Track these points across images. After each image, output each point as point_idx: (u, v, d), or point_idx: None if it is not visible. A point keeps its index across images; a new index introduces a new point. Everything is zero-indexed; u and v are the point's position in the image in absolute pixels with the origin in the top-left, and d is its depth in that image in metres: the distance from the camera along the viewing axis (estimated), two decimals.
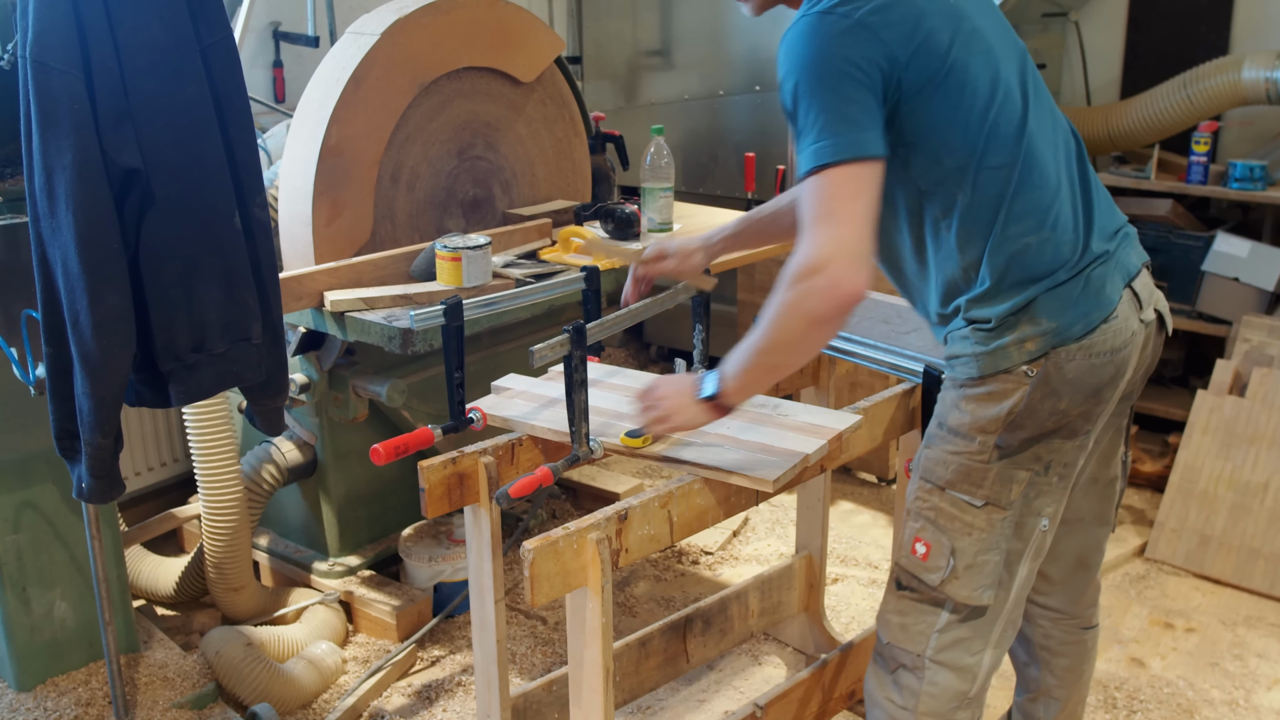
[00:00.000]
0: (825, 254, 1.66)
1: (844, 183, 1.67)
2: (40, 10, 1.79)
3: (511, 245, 3.11)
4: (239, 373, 2.05)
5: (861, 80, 1.68)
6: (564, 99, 3.45)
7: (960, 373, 1.88)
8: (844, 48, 1.69)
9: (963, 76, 1.76)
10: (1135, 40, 4.60)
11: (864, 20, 1.69)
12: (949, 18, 1.77)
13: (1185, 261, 4.21)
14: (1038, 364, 1.81)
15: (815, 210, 1.68)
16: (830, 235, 1.66)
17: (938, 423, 1.93)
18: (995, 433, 1.84)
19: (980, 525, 1.88)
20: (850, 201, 1.67)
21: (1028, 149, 1.81)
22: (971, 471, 1.87)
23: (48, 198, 1.85)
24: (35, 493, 2.63)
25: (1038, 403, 1.83)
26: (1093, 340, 1.83)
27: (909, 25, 1.72)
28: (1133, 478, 4.09)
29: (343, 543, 3.26)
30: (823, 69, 1.69)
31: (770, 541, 3.71)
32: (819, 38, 1.70)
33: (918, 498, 1.94)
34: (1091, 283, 1.84)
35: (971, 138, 1.77)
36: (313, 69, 3.00)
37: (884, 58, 1.69)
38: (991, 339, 1.82)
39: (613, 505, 1.97)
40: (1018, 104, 1.83)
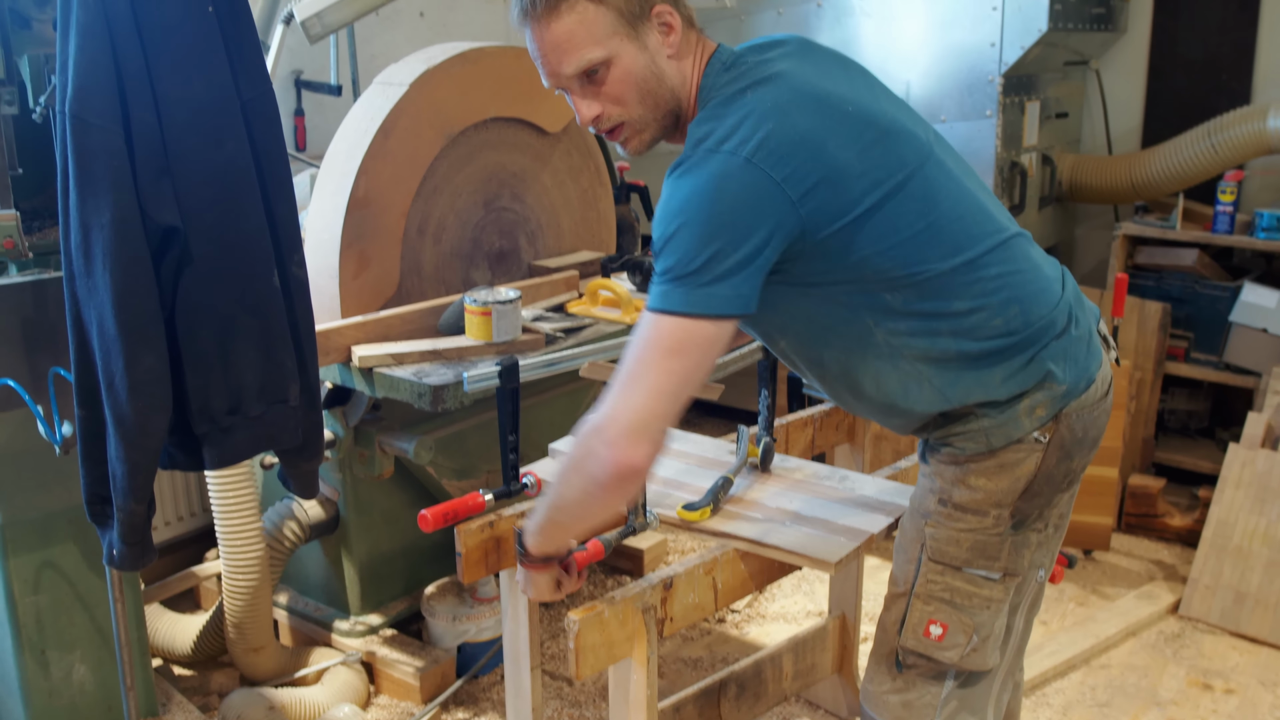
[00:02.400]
0: (613, 417, 1.56)
1: (676, 339, 1.55)
2: (81, 65, 1.75)
3: (538, 298, 3.07)
4: (275, 436, 2.00)
5: (746, 229, 1.55)
6: (589, 149, 3.42)
7: (963, 449, 1.78)
8: (745, 197, 1.55)
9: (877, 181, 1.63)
10: (1156, 89, 4.59)
11: (760, 164, 1.55)
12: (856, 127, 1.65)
13: (1212, 312, 4.17)
14: (1048, 428, 1.75)
15: (633, 361, 1.57)
16: (629, 400, 1.56)
17: (938, 499, 1.81)
18: (1010, 504, 1.78)
19: (998, 596, 1.82)
20: (670, 366, 1.55)
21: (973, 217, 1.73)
22: (987, 546, 1.80)
23: (84, 256, 1.81)
24: (56, 553, 2.57)
25: (1053, 467, 1.77)
26: (1091, 392, 1.79)
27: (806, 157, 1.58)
28: (1162, 532, 4.04)
29: (364, 601, 3.20)
30: (719, 217, 1.55)
31: (796, 599, 3.65)
32: (719, 185, 1.56)
33: (929, 580, 1.83)
34: (1082, 335, 1.81)
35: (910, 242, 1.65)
36: (334, 117, 2.98)
37: (782, 207, 1.56)
38: (1000, 413, 1.74)
39: (657, 573, 1.92)
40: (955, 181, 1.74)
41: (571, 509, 1.69)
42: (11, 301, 2.31)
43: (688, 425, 5.02)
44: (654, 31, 1.68)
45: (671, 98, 1.72)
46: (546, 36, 1.64)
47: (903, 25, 4.15)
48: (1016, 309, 1.72)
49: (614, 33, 1.64)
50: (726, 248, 1.54)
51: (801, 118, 1.60)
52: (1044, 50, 4.02)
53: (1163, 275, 4.26)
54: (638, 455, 1.55)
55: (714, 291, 1.54)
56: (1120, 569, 3.83)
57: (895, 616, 1.88)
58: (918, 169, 1.68)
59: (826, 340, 1.76)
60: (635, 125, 1.73)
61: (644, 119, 1.72)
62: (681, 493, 2.05)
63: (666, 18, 1.68)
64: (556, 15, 1.63)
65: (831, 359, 1.78)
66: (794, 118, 1.60)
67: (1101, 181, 4.42)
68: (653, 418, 1.56)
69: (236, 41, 1.90)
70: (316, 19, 3.08)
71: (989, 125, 4.01)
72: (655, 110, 1.72)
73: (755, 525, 1.96)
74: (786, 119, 1.59)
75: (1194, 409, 4.45)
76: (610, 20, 1.64)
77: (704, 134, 1.61)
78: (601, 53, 1.64)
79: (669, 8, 1.68)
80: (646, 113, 1.72)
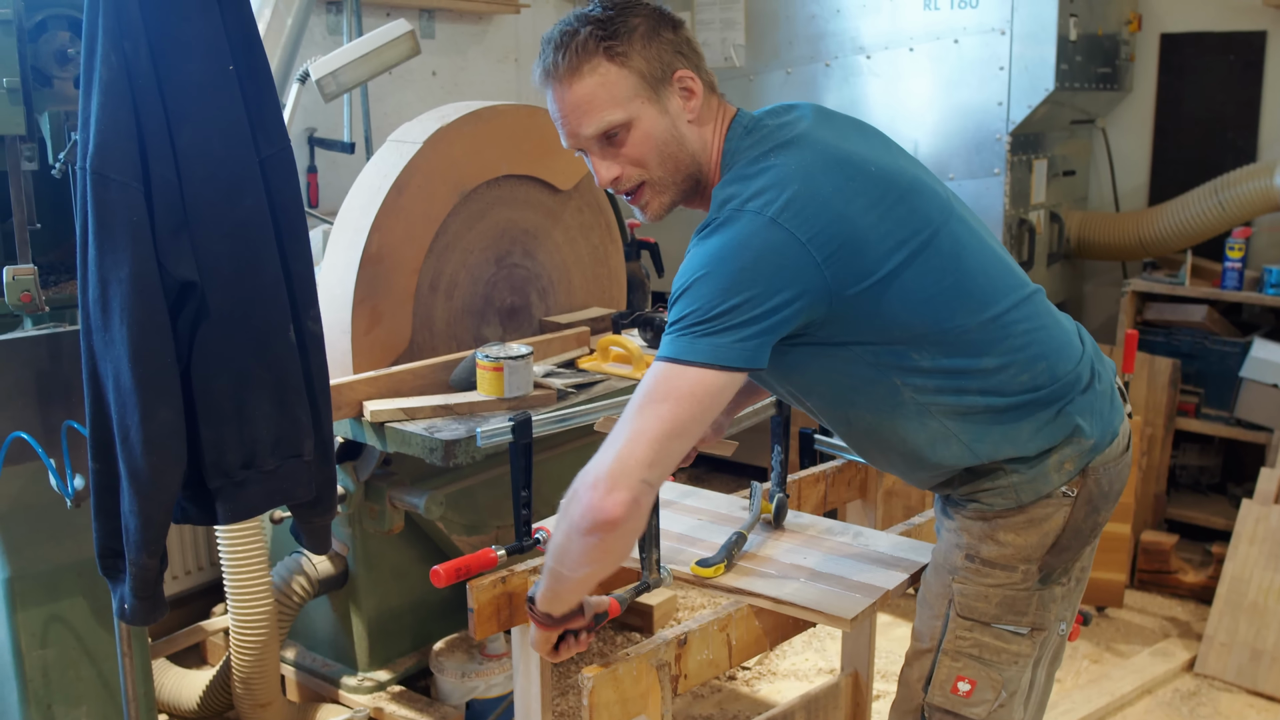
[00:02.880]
0: (602, 467, 1.54)
1: (673, 386, 1.54)
2: (103, 122, 1.78)
3: (549, 354, 3.08)
4: (289, 490, 2.00)
5: (768, 289, 1.54)
6: (600, 206, 3.45)
7: (989, 504, 1.77)
8: (771, 257, 1.55)
9: (901, 241, 1.63)
10: (1162, 146, 4.62)
11: (786, 225, 1.56)
12: (878, 189, 1.65)
13: (1222, 368, 4.16)
14: (1075, 483, 1.76)
15: (633, 410, 1.56)
16: (619, 450, 1.53)
17: (965, 555, 1.80)
18: (1038, 559, 1.77)
19: (1026, 651, 1.81)
20: (659, 411, 1.53)
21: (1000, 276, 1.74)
22: (1016, 601, 1.79)
23: (102, 311, 1.82)
24: (64, 607, 2.56)
25: (1080, 520, 1.77)
26: (1115, 446, 1.80)
27: (831, 219, 1.58)
28: (1175, 589, 4.01)
29: (372, 656, 3.18)
30: (744, 273, 1.54)
31: (808, 655, 3.62)
32: (746, 243, 1.56)
33: (957, 636, 1.81)
34: (1105, 390, 1.82)
35: (937, 300, 1.65)
36: (347, 174, 3.01)
37: (803, 262, 1.56)
38: (1028, 468, 1.74)
39: (671, 629, 1.90)
40: (976, 240, 1.75)
41: (562, 557, 1.64)
42: (26, 355, 2.32)
43: (700, 481, 5.02)
44: (675, 96, 1.69)
45: (691, 162, 1.72)
46: (568, 97, 1.66)
47: (910, 85, 4.19)
48: (1044, 364, 1.72)
49: (635, 95, 1.66)
50: (745, 303, 1.53)
51: (826, 180, 1.61)
52: (1051, 109, 4.06)
53: (1172, 331, 4.27)
54: (611, 503, 1.52)
55: (718, 342, 1.53)
56: (1134, 626, 3.80)
57: (920, 673, 1.86)
58: (941, 225, 1.69)
59: (853, 400, 1.74)
60: (655, 187, 1.73)
61: (663, 181, 1.73)
62: (695, 549, 2.04)
63: (688, 83, 1.69)
64: (579, 76, 1.64)
65: (858, 418, 1.77)
66: (819, 180, 1.60)
67: (1109, 238, 4.44)
68: (634, 464, 1.53)
69: (256, 99, 1.92)
70: (331, 78, 3.13)
71: (997, 183, 4.04)
72: (675, 173, 1.72)
73: (769, 581, 1.94)
74: (812, 181, 1.60)
75: (1206, 465, 4.43)
76: (632, 83, 1.66)
77: (730, 195, 1.62)
78: (622, 115, 1.66)
79: (691, 73, 1.69)
80: (666, 175, 1.72)
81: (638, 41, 1.65)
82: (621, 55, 1.65)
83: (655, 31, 1.67)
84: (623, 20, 1.65)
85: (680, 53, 1.69)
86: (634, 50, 1.65)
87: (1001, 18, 3.96)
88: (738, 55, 4.66)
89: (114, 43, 1.78)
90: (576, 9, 1.71)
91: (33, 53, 2.27)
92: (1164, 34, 4.54)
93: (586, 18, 1.66)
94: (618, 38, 1.64)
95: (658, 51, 1.67)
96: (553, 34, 1.68)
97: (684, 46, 1.70)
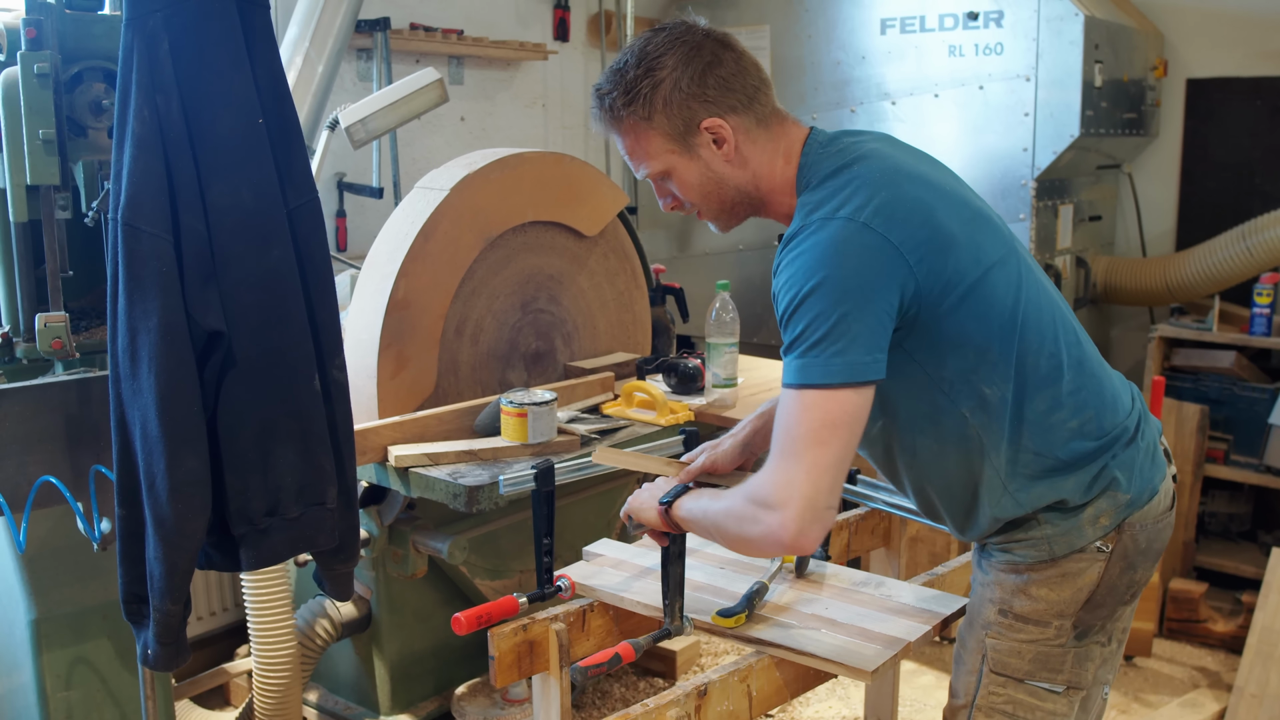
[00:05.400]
0: (784, 496, 1.57)
1: (827, 411, 1.57)
2: (134, 174, 1.81)
3: (574, 399, 3.09)
4: (312, 538, 2.01)
5: (881, 295, 1.59)
6: (626, 252, 3.47)
7: (1023, 556, 1.77)
8: (867, 258, 1.59)
9: (976, 259, 1.67)
10: (1189, 192, 4.61)
11: (877, 229, 1.60)
12: (955, 205, 1.71)
13: (1250, 414, 4.13)
14: (1110, 538, 1.75)
15: (789, 438, 1.59)
16: (795, 478, 1.57)
17: (998, 609, 1.79)
18: (1073, 615, 1.76)
19: (1062, 710, 1.80)
20: (823, 441, 1.57)
21: (1058, 322, 1.77)
22: (1050, 658, 1.78)
23: (130, 360, 1.84)
24: (89, 649, 2.58)
25: (1116, 577, 1.76)
26: (1154, 504, 1.79)
27: (919, 224, 1.63)
28: (1205, 638, 3.96)
29: (395, 700, 3.17)
30: (830, 283, 1.58)
31: (831, 704, 3.59)
32: (827, 250, 1.60)
33: (990, 692, 1.81)
34: (1148, 446, 1.81)
35: (993, 329, 1.68)
36: (375, 219, 3.04)
37: (901, 270, 1.60)
38: (1063, 519, 1.74)
39: (690, 680, 1.90)
40: (1036, 277, 1.79)
41: (725, 542, 1.73)
42: (56, 399, 2.35)
43: None
44: (706, 145, 1.75)
45: (737, 194, 1.79)
46: (620, 145, 1.81)
47: (935, 130, 4.21)
48: (1092, 414, 1.74)
49: (665, 150, 1.75)
50: (852, 311, 1.57)
51: (910, 187, 1.68)
52: (1076, 155, 4.07)
53: (1200, 377, 4.24)
54: (809, 540, 1.58)
55: (850, 360, 1.57)
56: (1163, 676, 3.76)
57: None
58: (1009, 254, 1.74)
59: (923, 427, 1.76)
60: (708, 216, 1.84)
61: (713, 212, 1.83)
62: (717, 597, 2.04)
63: (716, 130, 1.73)
64: (617, 133, 1.78)
65: (924, 447, 1.78)
66: (904, 187, 1.67)
67: (1136, 284, 4.42)
68: (827, 496, 1.58)
69: (285, 152, 1.95)
70: (360, 125, 3.17)
71: (1023, 228, 4.04)
72: (721, 206, 1.81)
73: (791, 632, 1.94)
74: (898, 188, 1.66)
75: (1235, 512, 4.39)
76: (659, 140, 1.75)
77: (816, 203, 1.67)
78: (658, 166, 1.77)
79: (719, 120, 1.73)
80: (712, 209, 1.82)
81: (659, 102, 1.72)
82: (644, 119, 1.73)
83: (678, 86, 1.71)
84: (648, 78, 1.72)
85: (707, 100, 1.72)
86: (655, 111, 1.72)
87: (1027, 64, 3.98)
88: None
89: (147, 97, 1.81)
90: (612, 62, 1.79)
91: (68, 104, 2.31)
92: (1190, 79, 4.55)
93: (615, 78, 1.75)
94: (637, 101, 1.73)
95: (679, 108, 1.72)
96: (594, 91, 1.80)
97: (713, 93, 1.72)
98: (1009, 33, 4.00)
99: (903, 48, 4.25)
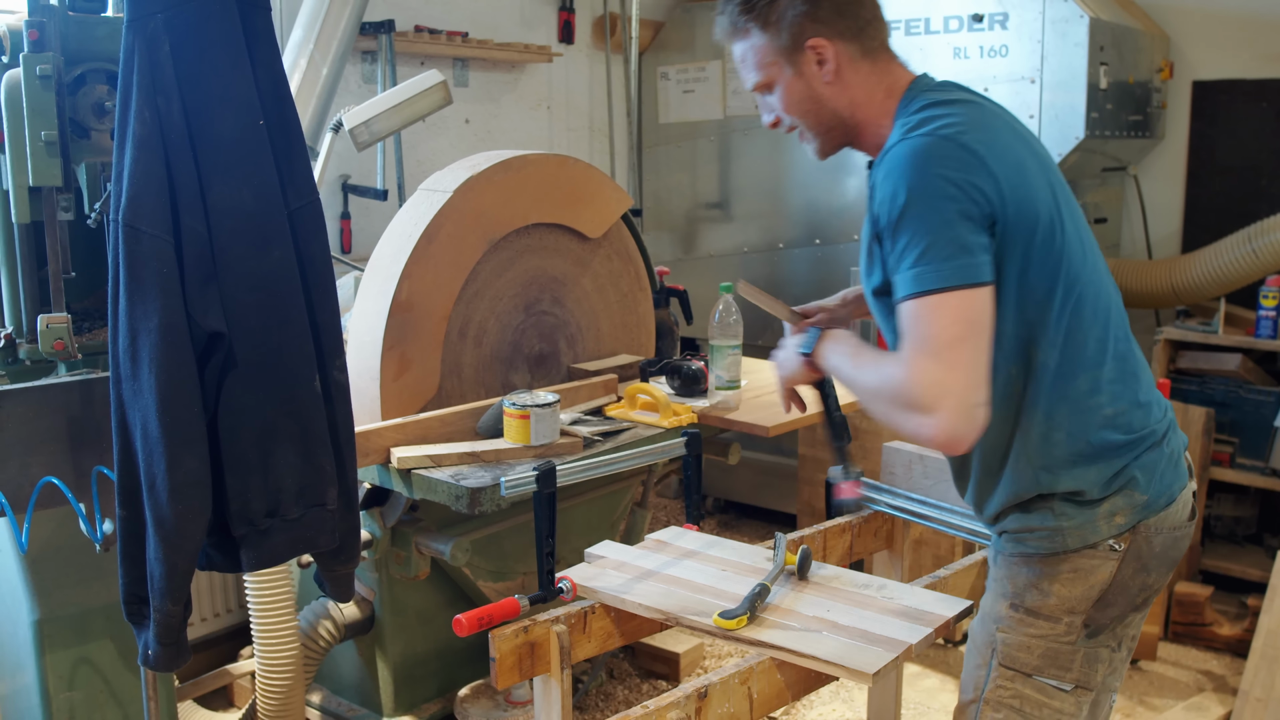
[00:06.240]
0: (934, 396, 1.58)
1: (950, 312, 1.60)
2: (135, 176, 1.81)
3: (577, 401, 3.09)
4: (313, 539, 2.01)
5: (968, 205, 1.63)
6: (629, 254, 3.46)
7: (1035, 548, 1.78)
8: (951, 170, 1.64)
9: (1052, 217, 1.73)
10: (1195, 194, 4.60)
11: (967, 143, 1.66)
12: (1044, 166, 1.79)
13: (1256, 417, 4.12)
14: (1124, 538, 1.75)
15: (921, 338, 1.61)
16: (942, 378, 1.59)
17: (1010, 604, 1.81)
18: (1084, 613, 1.77)
19: (1069, 710, 1.79)
20: (959, 338, 1.59)
21: (1111, 308, 1.80)
22: (1059, 654, 1.78)
23: (131, 361, 1.85)
24: (92, 649, 2.58)
25: (1129, 578, 1.76)
26: (1172, 512, 1.79)
27: (1005, 151, 1.70)
28: (1210, 641, 3.95)
29: (398, 701, 3.18)
30: (929, 190, 1.63)
31: (835, 706, 3.58)
32: (924, 159, 1.66)
33: (999, 686, 1.81)
34: (1172, 452, 1.82)
35: (1057, 294, 1.72)
36: (379, 220, 3.04)
37: (988, 182, 1.65)
38: (1079, 511, 1.75)
39: (691, 682, 1.90)
40: (1100, 266, 1.82)
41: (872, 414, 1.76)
42: (58, 401, 2.35)
43: (725, 530, 4.99)
44: (809, 64, 1.84)
45: (833, 117, 1.87)
46: (732, 56, 1.93)
47: None
48: (1125, 408, 1.77)
49: (772, 61, 1.86)
50: (951, 217, 1.62)
51: (1002, 128, 1.76)
52: (1082, 157, 4.06)
53: (1206, 380, 4.23)
54: (966, 440, 1.61)
55: (960, 264, 1.61)
56: (1168, 679, 3.74)
57: None
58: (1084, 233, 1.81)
59: None
60: (805, 134, 1.93)
61: (810, 131, 1.91)
62: (718, 600, 2.03)
63: (821, 49, 1.82)
64: (733, 40, 1.90)
65: None
66: (996, 125, 1.75)
67: (1142, 286, 4.41)
68: (977, 392, 1.60)
69: (286, 154, 1.95)
70: (364, 128, 3.17)
71: None
72: (818, 126, 1.89)
73: (792, 634, 1.93)
74: (990, 124, 1.74)
75: (1241, 515, 4.38)
76: (770, 50, 1.85)
77: (913, 125, 1.73)
78: (762, 76, 1.88)
79: (825, 40, 1.81)
80: (810, 125, 1.90)
81: (773, 15, 1.83)
82: (759, 28, 1.85)
83: (793, 2, 1.82)
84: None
85: (818, 20, 1.81)
86: (769, 23, 1.84)
87: (1031, 66, 3.97)
88: None
89: (148, 99, 1.82)
90: None
91: (71, 106, 2.32)
92: (1196, 81, 4.54)
93: None
94: (754, 11, 1.85)
95: (790, 23, 1.82)
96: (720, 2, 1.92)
97: (825, 14, 1.82)
98: (1014, 35, 3.99)
99: (907, 50, 4.23)
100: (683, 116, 5.06)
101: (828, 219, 4.60)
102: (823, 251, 4.61)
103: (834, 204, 4.58)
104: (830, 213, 4.60)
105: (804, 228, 4.69)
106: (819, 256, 4.63)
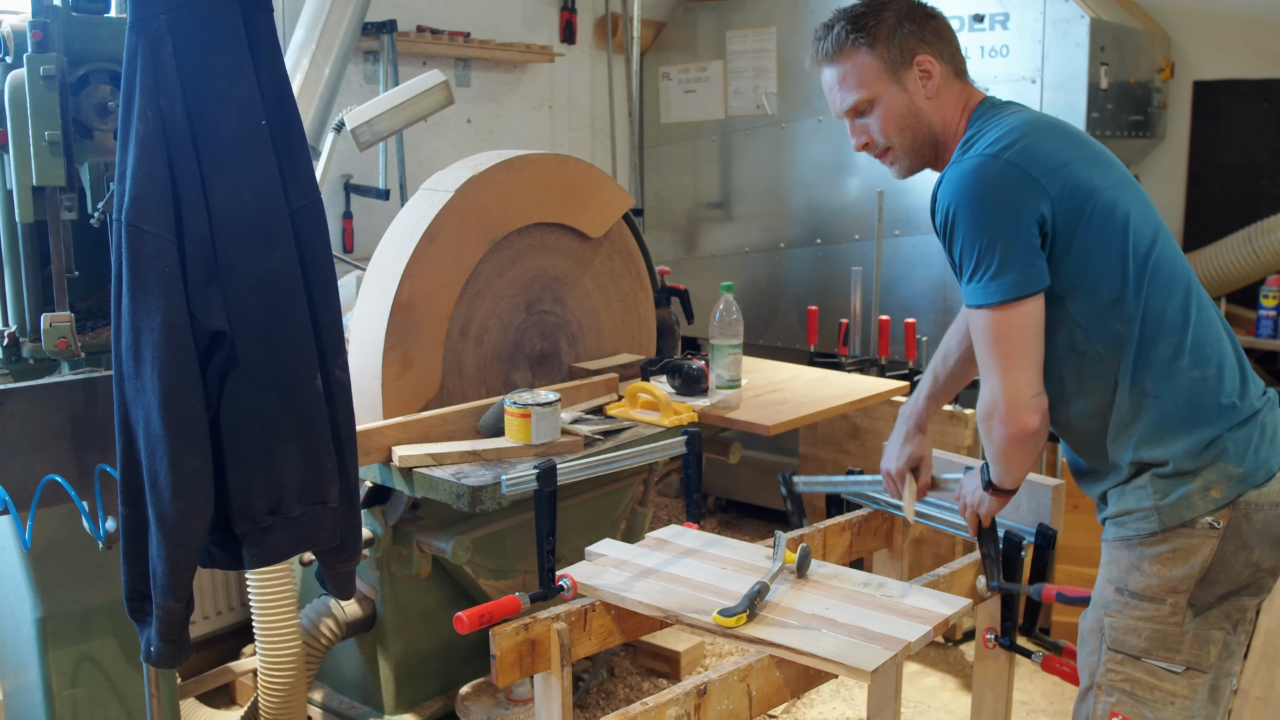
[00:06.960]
0: (994, 400, 1.86)
1: (1013, 321, 1.81)
2: (138, 176, 1.82)
3: (578, 400, 3.10)
4: (314, 536, 2.02)
5: (1023, 217, 1.79)
6: (631, 253, 3.47)
7: (1135, 529, 1.84)
8: (1005, 187, 1.80)
9: (1111, 210, 1.82)
10: (1195, 194, 4.61)
11: (1015, 161, 1.81)
12: (1096, 161, 1.89)
13: None
14: (1223, 514, 1.79)
15: (988, 351, 1.85)
16: (1000, 383, 1.84)
17: (1115, 587, 1.88)
18: (1188, 592, 1.80)
19: (1182, 692, 1.83)
20: (1019, 344, 1.82)
21: (1190, 281, 1.88)
22: (1167, 636, 1.82)
23: (134, 359, 1.86)
24: (95, 647, 2.59)
25: (1230, 555, 1.80)
26: (1273, 488, 1.82)
27: (1054, 164, 1.83)
28: None
29: (399, 700, 3.19)
30: (987, 207, 1.80)
31: (835, 705, 3.59)
32: (982, 177, 1.82)
33: (1110, 670, 1.87)
34: (1268, 428, 1.86)
35: (1128, 268, 1.82)
36: (381, 220, 3.05)
37: (1039, 196, 1.80)
38: (1173, 487, 1.80)
39: (691, 679, 1.90)
40: (1174, 244, 1.90)
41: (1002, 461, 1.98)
42: (62, 399, 2.36)
43: (726, 529, 5.00)
44: (914, 78, 1.98)
45: (928, 133, 2.01)
46: (827, 78, 2.03)
47: None
48: (1214, 370, 1.84)
49: (878, 78, 1.98)
50: (998, 234, 1.80)
51: (1053, 135, 1.90)
52: None
53: None
54: (1028, 424, 1.85)
55: (1005, 281, 1.80)
56: None
57: (1086, 712, 1.93)
58: (1150, 214, 1.93)
59: (1066, 358, 1.92)
60: (896, 153, 2.04)
61: (903, 148, 2.03)
62: (718, 598, 2.04)
63: (927, 66, 1.97)
64: (835, 61, 2.01)
65: (1069, 376, 1.93)
66: (1047, 134, 1.89)
67: None
68: (1029, 387, 1.84)
69: (288, 153, 1.96)
70: (366, 128, 3.18)
71: None
72: (914, 142, 2.02)
73: (791, 632, 1.94)
74: (1041, 135, 1.88)
75: None
76: (878, 67, 1.97)
77: (971, 140, 1.91)
78: (866, 94, 1.99)
79: (930, 58, 1.97)
80: (905, 144, 2.02)
81: (883, 33, 1.96)
82: (868, 45, 1.97)
83: (901, 24, 1.97)
84: (874, 15, 1.98)
85: (924, 40, 1.98)
86: (879, 40, 1.97)
87: (1032, 66, 3.98)
88: (770, 103, 4.70)
89: (150, 99, 1.83)
90: (840, 6, 2.05)
91: (75, 105, 2.32)
92: (1197, 81, 4.55)
93: (843, 14, 2.01)
94: (865, 30, 1.97)
95: (901, 40, 1.96)
96: (819, 27, 2.04)
97: (929, 35, 1.98)
98: (1014, 35, 4.00)
99: None
100: (684, 116, 5.07)
101: (829, 219, 4.61)
102: (824, 251, 4.62)
103: (835, 204, 4.59)
104: (832, 212, 4.61)
105: (805, 227, 4.69)
106: (820, 256, 4.63)
